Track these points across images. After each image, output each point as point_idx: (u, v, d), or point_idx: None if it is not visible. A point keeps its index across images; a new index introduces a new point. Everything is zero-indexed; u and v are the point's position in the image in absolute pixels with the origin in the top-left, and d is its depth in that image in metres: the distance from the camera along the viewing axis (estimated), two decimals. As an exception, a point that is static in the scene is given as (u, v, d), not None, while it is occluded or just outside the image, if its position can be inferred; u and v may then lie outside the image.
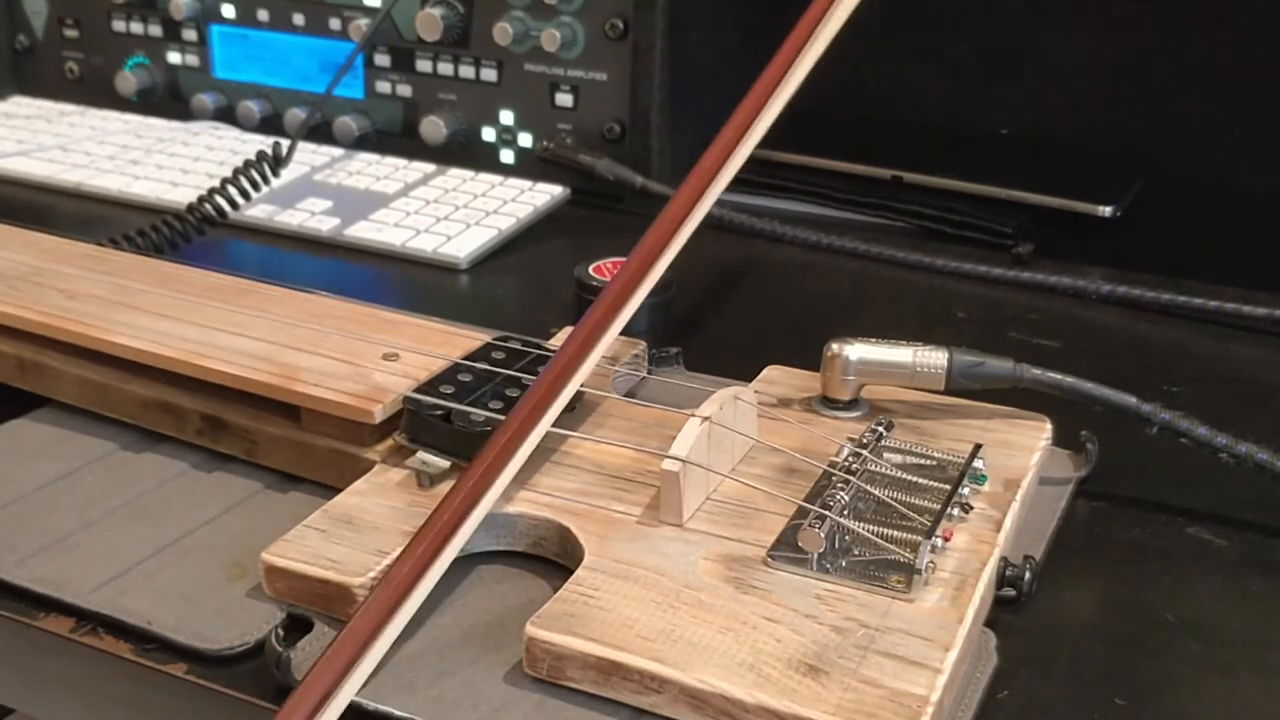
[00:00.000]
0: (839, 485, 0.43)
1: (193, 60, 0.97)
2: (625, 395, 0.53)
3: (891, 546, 0.41)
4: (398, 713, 0.37)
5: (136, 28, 0.99)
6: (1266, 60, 0.90)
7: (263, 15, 0.93)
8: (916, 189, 0.83)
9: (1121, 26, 0.94)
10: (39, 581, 0.43)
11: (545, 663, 0.38)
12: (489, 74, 0.87)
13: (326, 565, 0.41)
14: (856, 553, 0.41)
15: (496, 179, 0.84)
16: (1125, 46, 0.94)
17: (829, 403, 0.52)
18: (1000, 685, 0.39)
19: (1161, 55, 0.93)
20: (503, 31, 0.84)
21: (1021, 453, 0.48)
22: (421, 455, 0.46)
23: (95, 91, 1.01)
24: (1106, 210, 0.79)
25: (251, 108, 0.94)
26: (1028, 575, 0.43)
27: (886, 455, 0.46)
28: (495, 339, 0.53)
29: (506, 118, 0.87)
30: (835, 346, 0.51)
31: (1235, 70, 0.91)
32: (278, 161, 0.79)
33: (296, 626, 0.40)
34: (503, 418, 0.45)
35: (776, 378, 0.54)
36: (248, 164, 0.77)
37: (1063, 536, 0.47)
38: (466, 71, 0.87)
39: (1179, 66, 0.93)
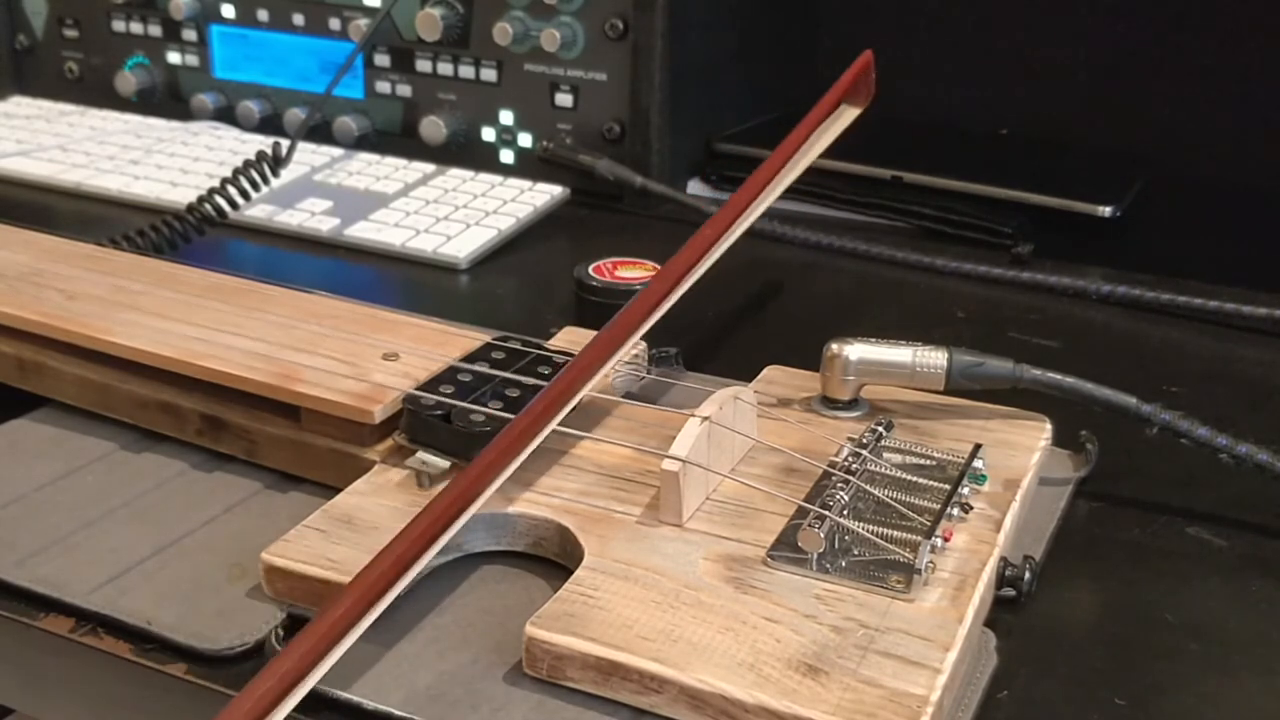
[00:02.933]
0: (839, 485, 0.43)
1: (193, 60, 0.97)
2: (625, 395, 0.53)
3: (891, 546, 0.41)
4: (398, 712, 0.37)
5: (136, 28, 0.99)
6: (1266, 61, 0.90)
7: (263, 15, 0.93)
8: (916, 189, 0.83)
9: (1121, 27, 0.94)
10: (39, 581, 0.43)
11: (545, 663, 0.38)
12: (489, 74, 0.87)
13: (326, 565, 0.41)
14: (856, 553, 0.41)
15: (496, 179, 0.84)
16: (1125, 46, 0.94)
17: (829, 403, 0.52)
18: (1000, 685, 0.39)
19: (1161, 55, 0.93)
20: (503, 31, 0.84)
21: (1021, 453, 0.48)
22: (421, 455, 0.46)
23: (95, 91, 1.01)
24: (1106, 210, 0.79)
25: (251, 108, 0.94)
26: (1028, 575, 0.43)
27: (886, 455, 0.46)
28: (495, 339, 0.53)
29: (506, 118, 0.87)
30: (835, 346, 0.51)
31: (1235, 70, 0.91)
32: (278, 161, 0.79)
33: (296, 626, 0.40)
34: (506, 415, 0.46)
35: (776, 378, 0.54)
36: (248, 164, 0.77)
37: (1063, 536, 0.47)
38: (466, 71, 0.87)
39: (1179, 66, 0.93)
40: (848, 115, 0.57)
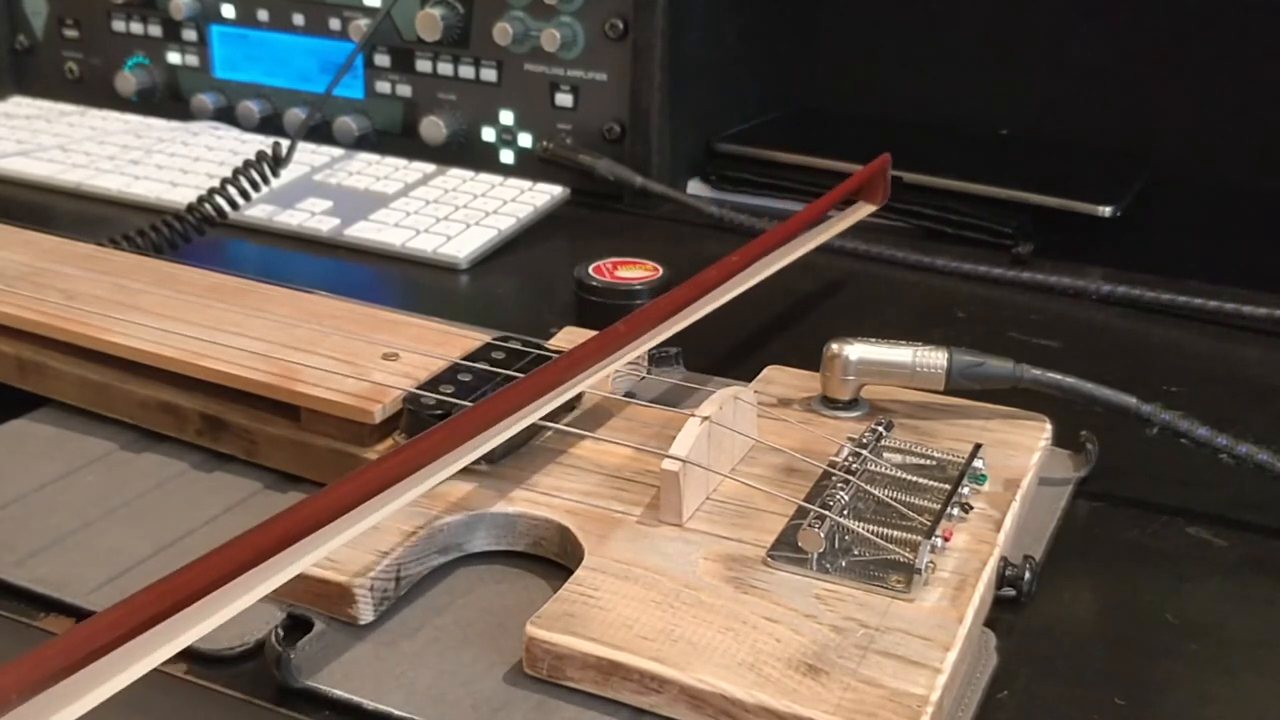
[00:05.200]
0: (839, 485, 0.43)
1: (193, 60, 0.97)
2: (625, 395, 0.53)
3: (891, 546, 0.41)
4: (398, 712, 0.37)
5: (136, 28, 0.99)
6: (1267, 60, 0.90)
7: (263, 15, 0.93)
8: (916, 189, 0.83)
9: (1121, 26, 0.94)
10: (39, 581, 0.43)
11: (545, 663, 0.38)
12: (489, 74, 0.87)
13: (326, 565, 0.41)
14: (856, 552, 0.41)
15: (496, 179, 0.84)
16: (1125, 46, 0.94)
17: (829, 403, 0.52)
18: (1000, 685, 0.39)
19: (1161, 55, 0.93)
20: (503, 31, 0.84)
21: (1021, 453, 0.48)
22: (421, 455, 0.46)
23: (95, 91, 1.01)
24: (1106, 210, 0.79)
25: (251, 108, 0.94)
26: (1028, 575, 0.43)
27: (886, 455, 0.46)
28: (495, 339, 0.53)
29: (506, 118, 0.87)
30: (835, 346, 0.51)
31: (1235, 70, 0.91)
32: (278, 161, 0.79)
33: (296, 626, 0.40)
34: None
35: (776, 378, 0.54)
36: (248, 164, 0.77)
37: (1063, 536, 0.47)
38: (466, 71, 0.87)
39: (1179, 66, 0.93)
40: (863, 210, 0.68)
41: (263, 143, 0.85)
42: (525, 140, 0.87)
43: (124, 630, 0.30)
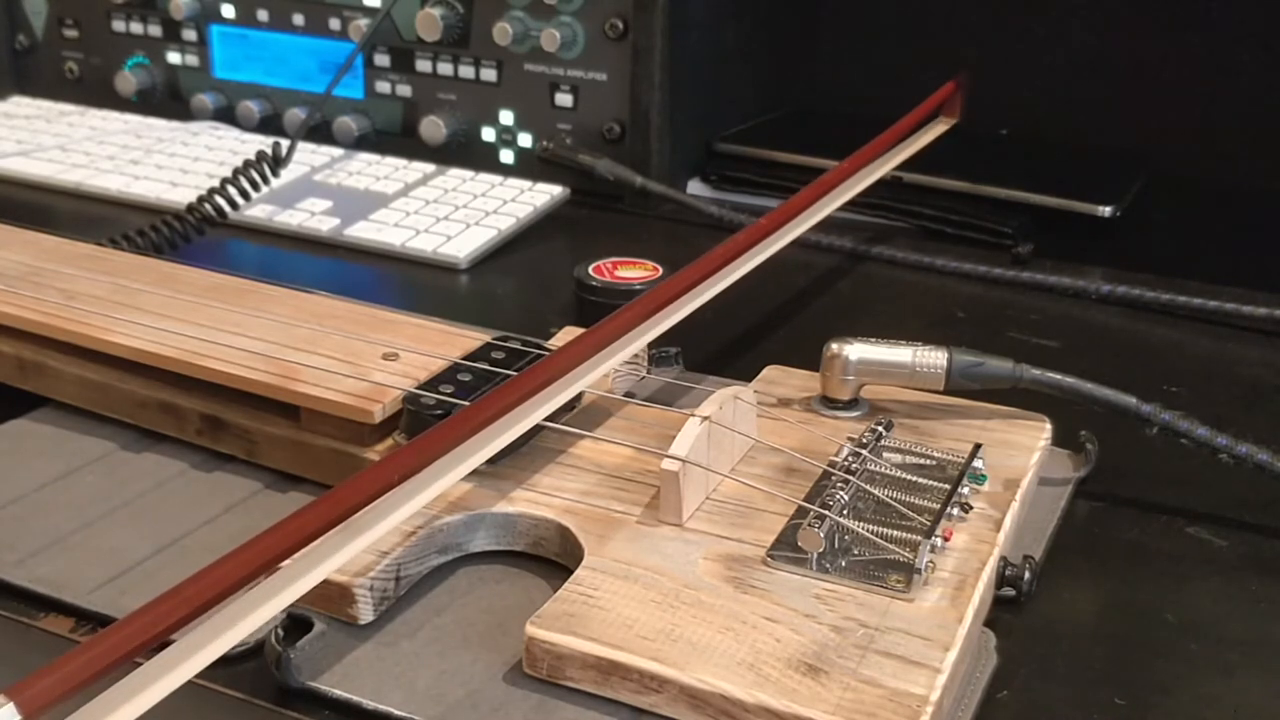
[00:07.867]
0: (839, 485, 0.43)
1: (193, 60, 0.97)
2: (625, 395, 0.53)
3: (891, 546, 0.41)
4: (398, 712, 0.37)
5: (136, 28, 0.99)
6: (1266, 60, 0.90)
7: (263, 15, 0.93)
8: (916, 189, 0.83)
9: (1121, 26, 0.94)
10: (39, 581, 0.43)
11: (545, 663, 0.38)
12: (489, 74, 0.87)
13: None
14: (856, 552, 0.41)
15: (496, 179, 0.84)
16: (1125, 46, 0.94)
17: (829, 403, 0.52)
18: (1000, 685, 0.39)
19: (1161, 55, 0.93)
20: (502, 31, 0.84)
21: (1021, 453, 0.48)
22: (421, 455, 0.46)
23: (95, 91, 1.01)
24: (1106, 210, 0.79)
25: (251, 108, 0.94)
26: (1027, 575, 0.43)
27: (886, 455, 0.46)
28: (495, 339, 0.53)
29: (506, 118, 0.87)
30: (835, 346, 0.51)
31: (1235, 70, 0.91)
32: (278, 161, 0.79)
33: (296, 626, 0.40)
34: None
35: (776, 378, 0.54)
36: (248, 164, 0.77)
37: (1063, 536, 0.47)
38: (466, 71, 0.87)
39: (1179, 66, 0.93)
40: (943, 125, 0.77)
41: (263, 143, 0.85)
42: (525, 140, 0.87)
43: (144, 640, 0.29)
